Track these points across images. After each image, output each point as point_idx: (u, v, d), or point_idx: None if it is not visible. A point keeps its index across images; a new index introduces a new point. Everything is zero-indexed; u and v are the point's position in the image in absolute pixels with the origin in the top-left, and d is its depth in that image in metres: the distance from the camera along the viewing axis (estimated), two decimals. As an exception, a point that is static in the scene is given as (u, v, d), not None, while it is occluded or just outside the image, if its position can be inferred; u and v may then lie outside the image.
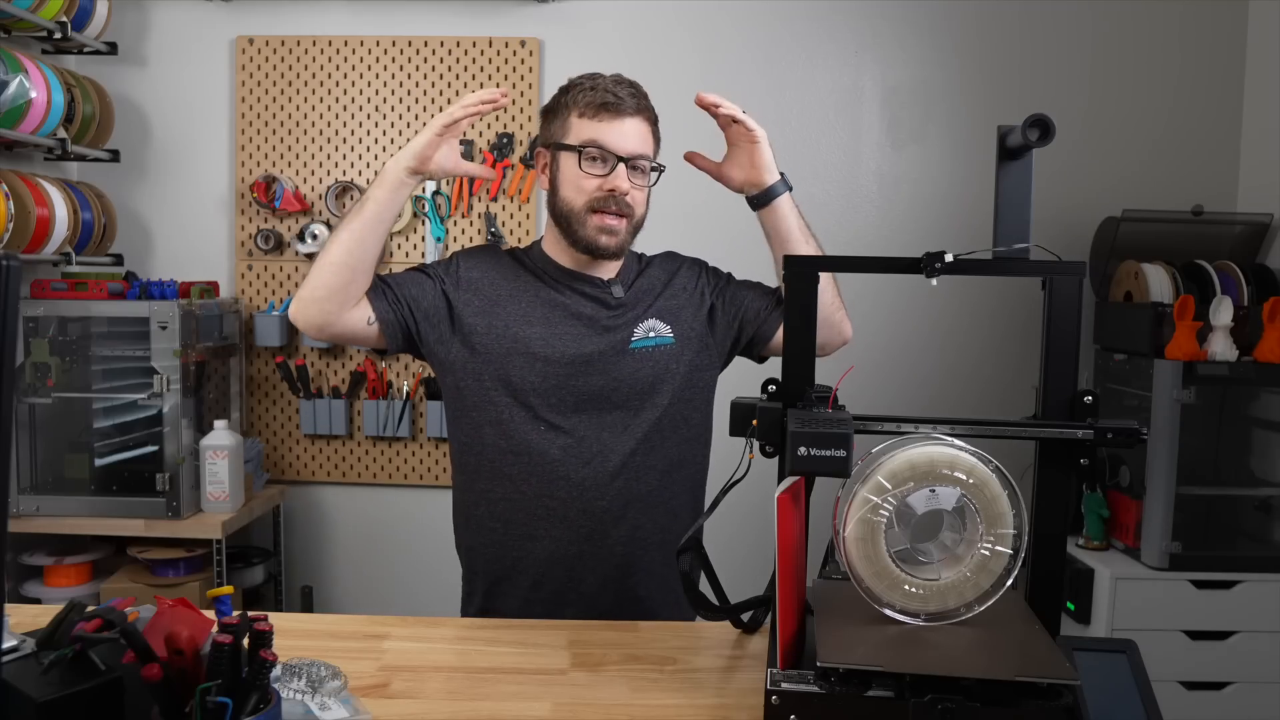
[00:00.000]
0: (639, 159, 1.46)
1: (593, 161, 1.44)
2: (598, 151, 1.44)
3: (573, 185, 1.46)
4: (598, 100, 1.44)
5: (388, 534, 2.92)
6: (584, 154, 1.44)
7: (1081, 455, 1.04)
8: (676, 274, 1.59)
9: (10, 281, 0.70)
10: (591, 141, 1.44)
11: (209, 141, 2.87)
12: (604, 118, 1.44)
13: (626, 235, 1.49)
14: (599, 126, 1.44)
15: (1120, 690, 0.95)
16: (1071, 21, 2.78)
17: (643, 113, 1.48)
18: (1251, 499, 2.46)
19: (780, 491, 0.96)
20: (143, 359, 2.47)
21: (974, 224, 2.70)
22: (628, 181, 1.45)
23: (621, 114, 1.44)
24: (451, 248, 2.83)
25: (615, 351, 1.48)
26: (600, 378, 1.47)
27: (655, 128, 1.51)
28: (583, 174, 1.44)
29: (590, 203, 1.45)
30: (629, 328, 1.51)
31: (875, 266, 1.12)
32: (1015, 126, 1.03)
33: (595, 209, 1.45)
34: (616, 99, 1.44)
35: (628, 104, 1.45)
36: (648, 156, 1.48)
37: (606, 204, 1.45)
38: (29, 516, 2.46)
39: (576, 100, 1.46)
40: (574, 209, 1.46)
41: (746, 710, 1.05)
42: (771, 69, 2.82)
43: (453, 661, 1.21)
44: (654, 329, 1.52)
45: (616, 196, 1.44)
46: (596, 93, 1.45)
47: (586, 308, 1.51)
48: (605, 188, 1.44)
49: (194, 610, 0.85)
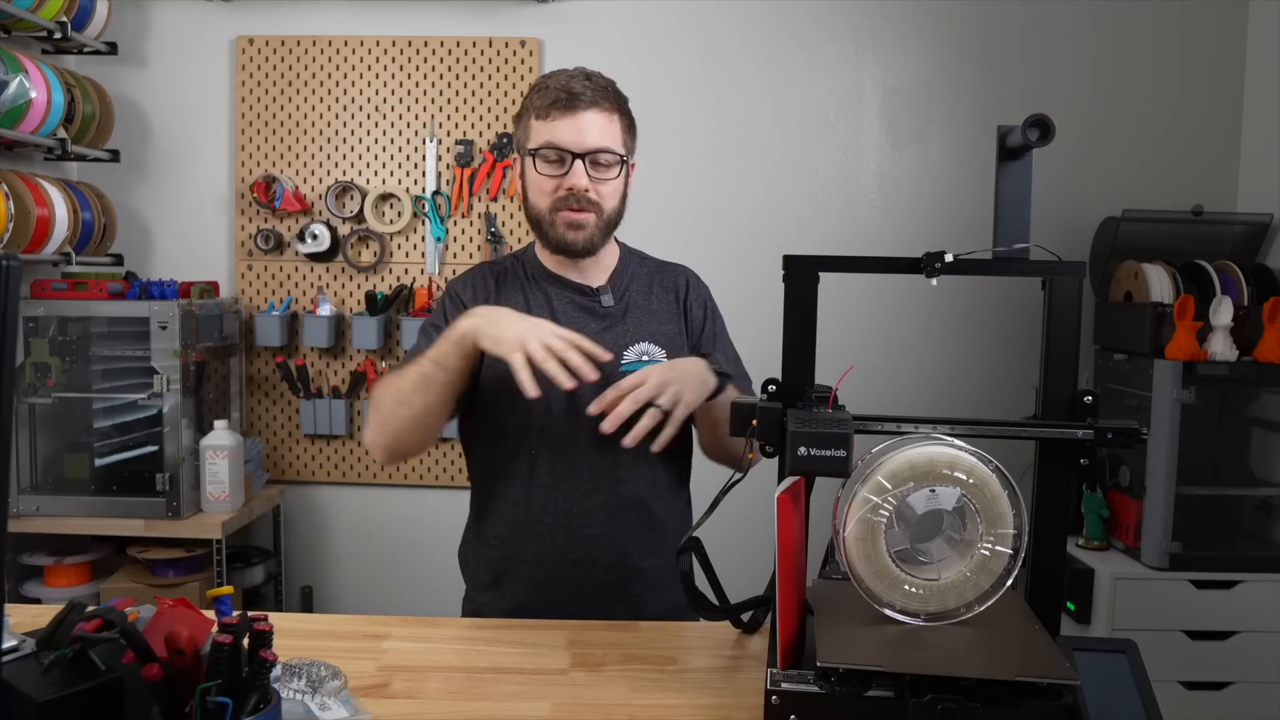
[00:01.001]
0: (599, 152, 1.40)
1: (550, 163, 1.40)
2: (554, 152, 1.40)
3: (535, 189, 1.43)
4: (549, 99, 1.39)
5: (388, 534, 2.92)
6: (539, 156, 1.41)
7: (1081, 455, 1.04)
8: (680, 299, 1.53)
9: (10, 281, 0.70)
10: (546, 143, 1.40)
11: (209, 141, 2.87)
12: (555, 115, 1.39)
13: (595, 230, 1.43)
14: (552, 126, 1.39)
15: (1120, 690, 0.95)
16: (1072, 21, 2.78)
17: (601, 104, 1.41)
18: (1251, 499, 2.46)
19: (780, 491, 0.96)
20: (143, 359, 2.47)
21: (974, 224, 2.70)
22: (586, 178, 1.40)
23: (575, 109, 1.38)
24: (451, 247, 2.84)
25: (604, 375, 1.38)
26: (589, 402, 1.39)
27: (624, 117, 1.44)
28: (542, 176, 1.41)
29: (553, 203, 1.41)
30: (619, 347, 1.45)
31: (875, 266, 1.12)
32: (1015, 126, 1.03)
33: (559, 207, 1.41)
34: (569, 95, 1.38)
35: (583, 97, 1.39)
36: (610, 149, 1.41)
37: (568, 202, 1.41)
38: (29, 516, 2.46)
39: (534, 102, 1.42)
40: (541, 212, 1.43)
41: (746, 710, 1.05)
42: (771, 69, 2.82)
43: (453, 661, 1.20)
44: (647, 353, 1.47)
45: (576, 194, 1.40)
46: (549, 92, 1.40)
47: (575, 321, 1.44)
48: (564, 187, 1.40)
49: (194, 610, 0.85)
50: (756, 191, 2.84)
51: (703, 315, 1.54)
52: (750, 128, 2.83)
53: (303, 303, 2.86)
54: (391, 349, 2.85)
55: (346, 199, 2.84)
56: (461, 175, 2.81)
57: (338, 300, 2.87)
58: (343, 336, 2.86)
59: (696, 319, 1.54)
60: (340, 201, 2.83)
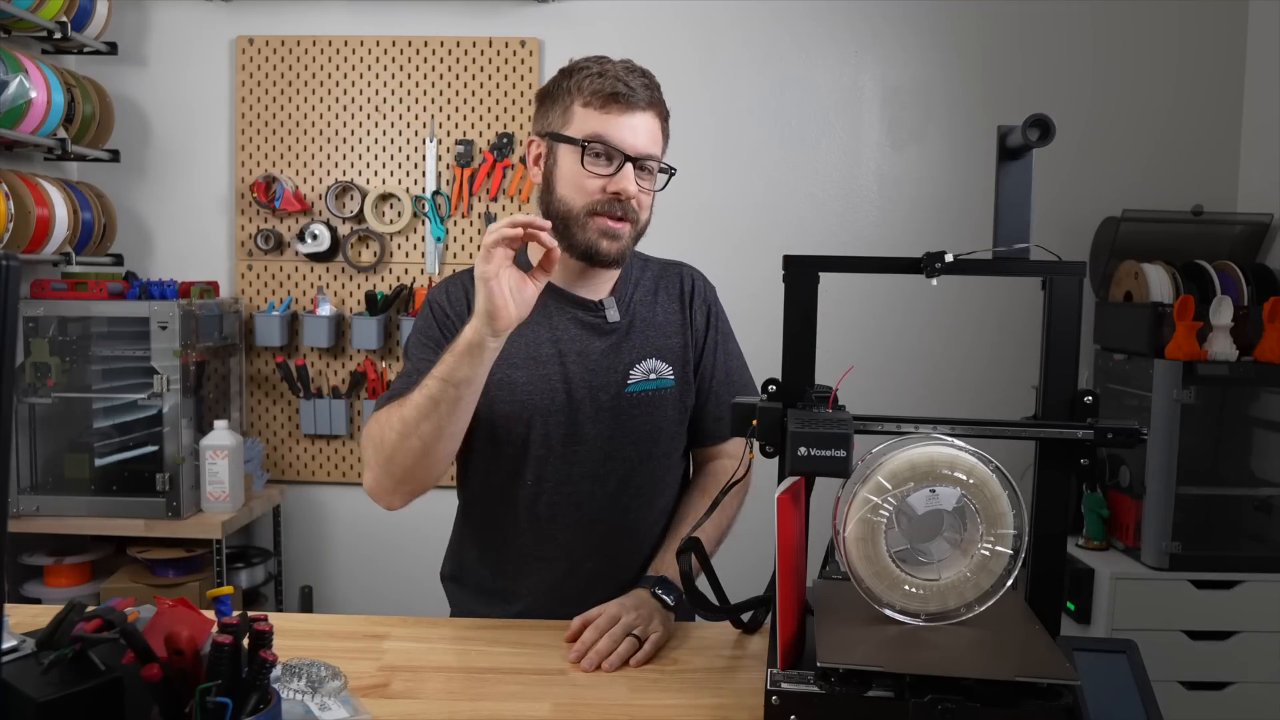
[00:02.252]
0: (648, 159, 1.30)
1: (597, 159, 1.27)
2: (603, 148, 1.27)
3: (572, 184, 1.29)
4: (606, 89, 1.26)
5: (388, 534, 2.92)
6: (588, 150, 1.27)
7: (1081, 455, 1.04)
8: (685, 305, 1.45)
9: (10, 281, 0.70)
10: (597, 136, 1.26)
11: (209, 141, 2.87)
12: (613, 110, 1.26)
13: (629, 242, 1.32)
14: (606, 120, 1.26)
15: (1120, 690, 0.95)
16: (1072, 21, 2.78)
17: (655, 107, 1.30)
18: (1251, 499, 2.45)
19: (780, 491, 0.96)
20: (143, 359, 2.47)
21: (974, 224, 2.70)
22: (635, 184, 1.28)
23: (632, 107, 1.27)
24: (451, 247, 2.84)
25: (610, 395, 1.36)
26: (591, 426, 1.36)
27: (666, 124, 1.34)
28: (585, 172, 1.27)
29: (591, 205, 1.28)
30: (625, 365, 1.37)
31: (875, 266, 1.11)
32: (1015, 126, 1.03)
33: (596, 211, 1.28)
34: (628, 89, 1.26)
35: (640, 96, 1.27)
36: (656, 157, 1.31)
37: (610, 208, 1.28)
38: (29, 516, 2.46)
39: (581, 86, 1.28)
40: (572, 210, 1.29)
41: (746, 710, 1.05)
42: (771, 69, 2.82)
43: (453, 661, 1.20)
44: (654, 370, 1.38)
45: (622, 200, 1.28)
46: (605, 80, 1.27)
47: (577, 340, 1.37)
48: (610, 190, 1.27)
49: (194, 610, 0.85)
50: (756, 191, 2.84)
51: (705, 322, 1.46)
52: (750, 127, 2.83)
53: (303, 303, 2.86)
54: (391, 349, 2.85)
55: (346, 199, 2.83)
56: (461, 175, 2.81)
57: (338, 300, 2.87)
58: (343, 336, 2.86)
59: (699, 328, 1.46)
60: (340, 201, 2.83)
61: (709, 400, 1.46)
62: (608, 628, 1.21)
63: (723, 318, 1.51)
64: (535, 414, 1.36)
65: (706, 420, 1.46)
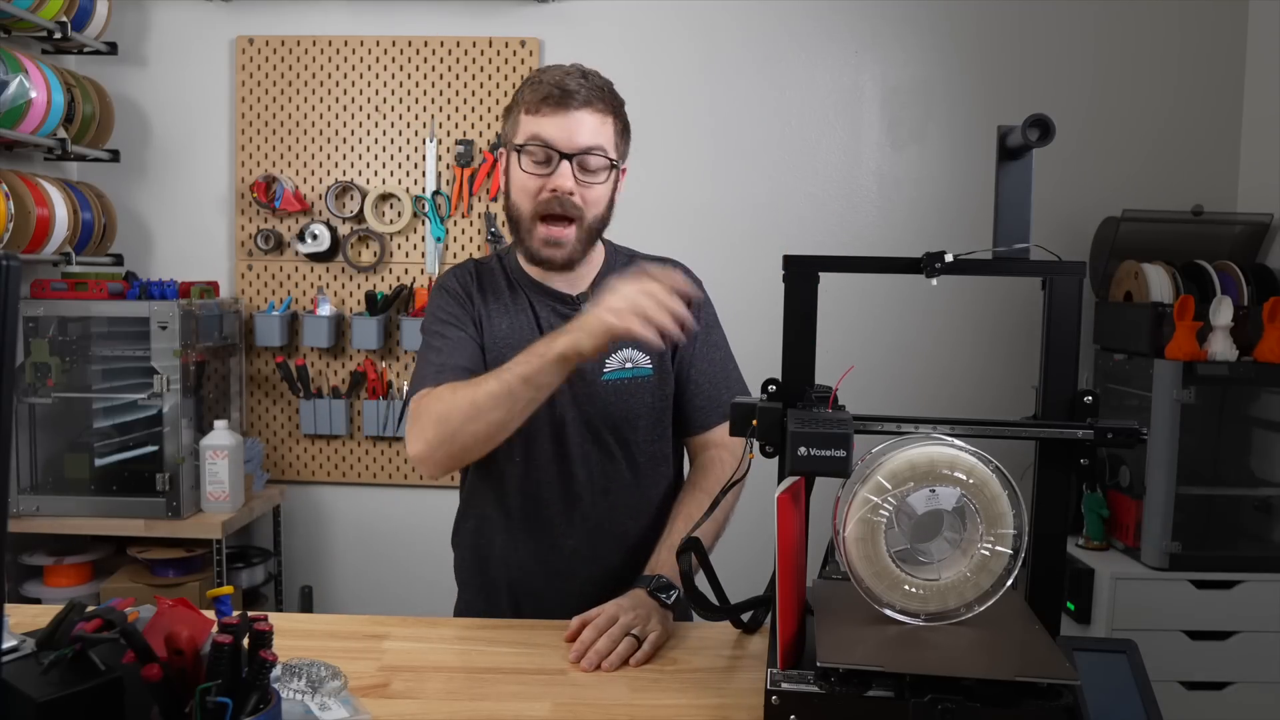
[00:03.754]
0: (588, 152, 1.33)
1: (535, 161, 1.33)
2: (539, 148, 1.32)
3: (519, 188, 1.35)
4: (541, 93, 1.32)
5: (388, 534, 2.92)
6: (524, 151, 1.33)
7: (1081, 455, 1.04)
8: None
9: (10, 281, 0.70)
10: (533, 137, 1.32)
11: (209, 141, 2.87)
12: (546, 111, 1.32)
13: (576, 244, 1.36)
14: (541, 121, 1.32)
15: (1120, 690, 0.95)
16: (1072, 21, 2.78)
17: (595, 104, 1.34)
18: (1251, 499, 2.45)
19: (780, 491, 0.96)
20: (143, 359, 2.47)
21: (974, 224, 2.70)
22: (571, 180, 1.32)
23: (567, 106, 1.31)
24: (451, 247, 2.84)
25: (585, 382, 1.39)
26: (570, 410, 1.40)
27: (618, 120, 1.38)
28: (526, 174, 1.34)
29: (536, 208, 1.34)
30: (601, 355, 1.37)
31: (875, 266, 1.12)
32: (1015, 126, 1.03)
33: (540, 216, 1.34)
34: (562, 91, 1.31)
35: (577, 95, 1.32)
36: (600, 149, 1.34)
37: (551, 207, 1.33)
38: (29, 516, 2.46)
39: (524, 95, 1.35)
40: (522, 215, 1.36)
41: (746, 710, 1.05)
42: (771, 69, 2.82)
43: (453, 661, 1.20)
44: (631, 359, 1.42)
45: (560, 197, 1.32)
46: (541, 86, 1.33)
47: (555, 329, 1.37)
48: (548, 188, 1.33)
49: (194, 610, 0.85)
50: (756, 191, 2.84)
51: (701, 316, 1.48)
52: (750, 127, 2.83)
53: (303, 303, 2.86)
54: (391, 349, 2.85)
55: (346, 199, 2.83)
56: (461, 175, 2.81)
57: (338, 300, 2.87)
58: (343, 336, 2.86)
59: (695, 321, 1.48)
60: (340, 201, 2.83)
61: (688, 387, 1.48)
62: (606, 627, 1.22)
63: (707, 309, 1.52)
64: None
65: (688, 408, 1.49)
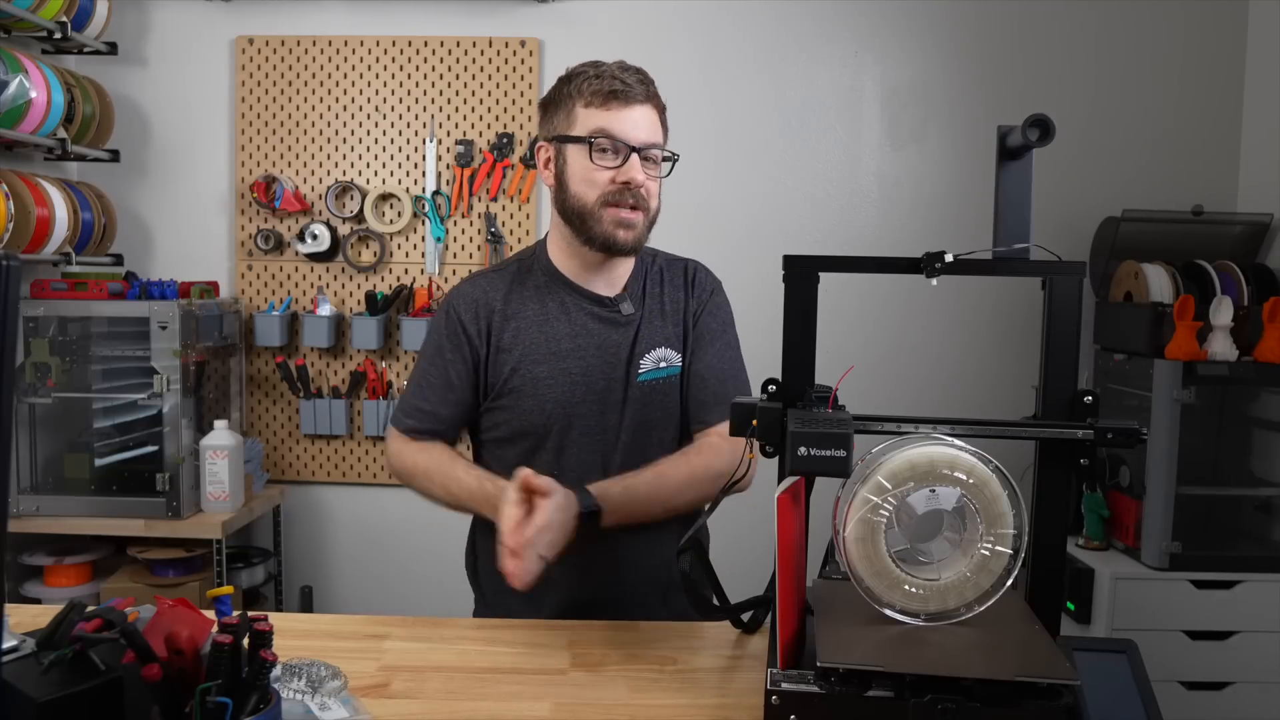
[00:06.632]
0: (651, 148, 1.38)
1: (603, 153, 1.36)
2: (608, 142, 1.35)
3: (583, 179, 1.37)
4: (605, 88, 1.36)
5: (388, 534, 2.92)
6: (594, 145, 1.36)
7: (1081, 455, 1.04)
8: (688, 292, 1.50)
9: (10, 281, 0.71)
10: (601, 131, 1.35)
11: (209, 141, 2.87)
12: (613, 106, 1.36)
13: (643, 229, 1.41)
14: (607, 115, 1.36)
15: (1120, 690, 0.95)
16: (1072, 21, 2.78)
17: (651, 100, 1.40)
18: (1251, 499, 2.46)
19: (780, 491, 0.96)
20: (143, 359, 2.47)
21: (974, 224, 2.70)
22: (642, 173, 1.37)
23: (630, 101, 1.36)
24: (451, 247, 2.84)
25: (626, 385, 1.42)
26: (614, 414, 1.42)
27: (663, 115, 1.43)
28: (594, 166, 1.36)
29: (603, 197, 1.37)
30: (638, 355, 1.44)
31: (875, 266, 1.12)
32: (1015, 126, 1.03)
33: (609, 203, 1.37)
34: (624, 85, 1.36)
35: (636, 91, 1.37)
36: (659, 145, 1.40)
37: (621, 197, 1.36)
38: (29, 516, 2.46)
39: (581, 89, 1.37)
40: (586, 205, 1.38)
41: (746, 710, 1.05)
42: (771, 69, 2.82)
43: (453, 661, 1.20)
44: (664, 358, 1.45)
45: (632, 189, 1.36)
46: (603, 80, 1.36)
47: (595, 334, 1.44)
48: (619, 180, 1.36)
49: (194, 610, 0.85)
50: (757, 191, 2.84)
51: (700, 309, 1.50)
52: (750, 127, 2.83)
53: (303, 303, 2.86)
54: (391, 349, 2.85)
55: (346, 199, 2.84)
56: (461, 175, 2.81)
57: (338, 300, 2.87)
58: (343, 336, 2.86)
59: (693, 312, 1.50)
60: (340, 201, 2.83)
61: (698, 382, 1.47)
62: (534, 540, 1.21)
63: (723, 308, 1.54)
64: (557, 406, 1.42)
65: (692, 403, 1.48)
